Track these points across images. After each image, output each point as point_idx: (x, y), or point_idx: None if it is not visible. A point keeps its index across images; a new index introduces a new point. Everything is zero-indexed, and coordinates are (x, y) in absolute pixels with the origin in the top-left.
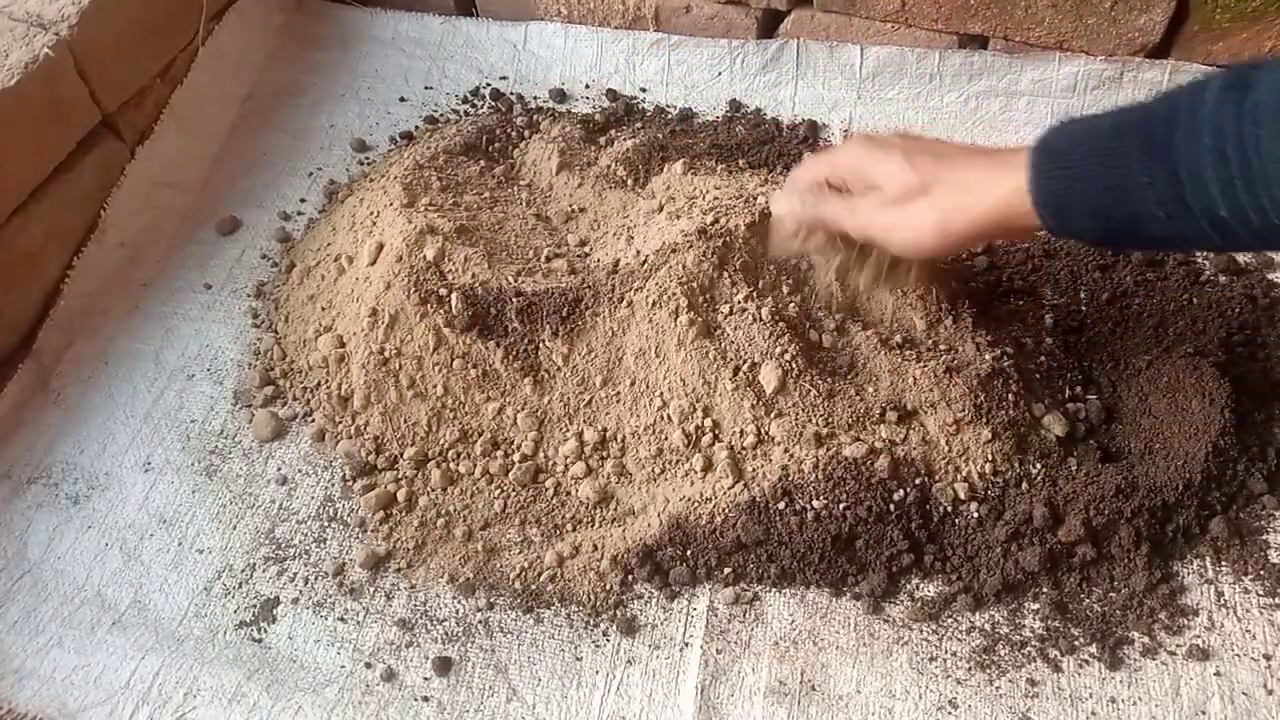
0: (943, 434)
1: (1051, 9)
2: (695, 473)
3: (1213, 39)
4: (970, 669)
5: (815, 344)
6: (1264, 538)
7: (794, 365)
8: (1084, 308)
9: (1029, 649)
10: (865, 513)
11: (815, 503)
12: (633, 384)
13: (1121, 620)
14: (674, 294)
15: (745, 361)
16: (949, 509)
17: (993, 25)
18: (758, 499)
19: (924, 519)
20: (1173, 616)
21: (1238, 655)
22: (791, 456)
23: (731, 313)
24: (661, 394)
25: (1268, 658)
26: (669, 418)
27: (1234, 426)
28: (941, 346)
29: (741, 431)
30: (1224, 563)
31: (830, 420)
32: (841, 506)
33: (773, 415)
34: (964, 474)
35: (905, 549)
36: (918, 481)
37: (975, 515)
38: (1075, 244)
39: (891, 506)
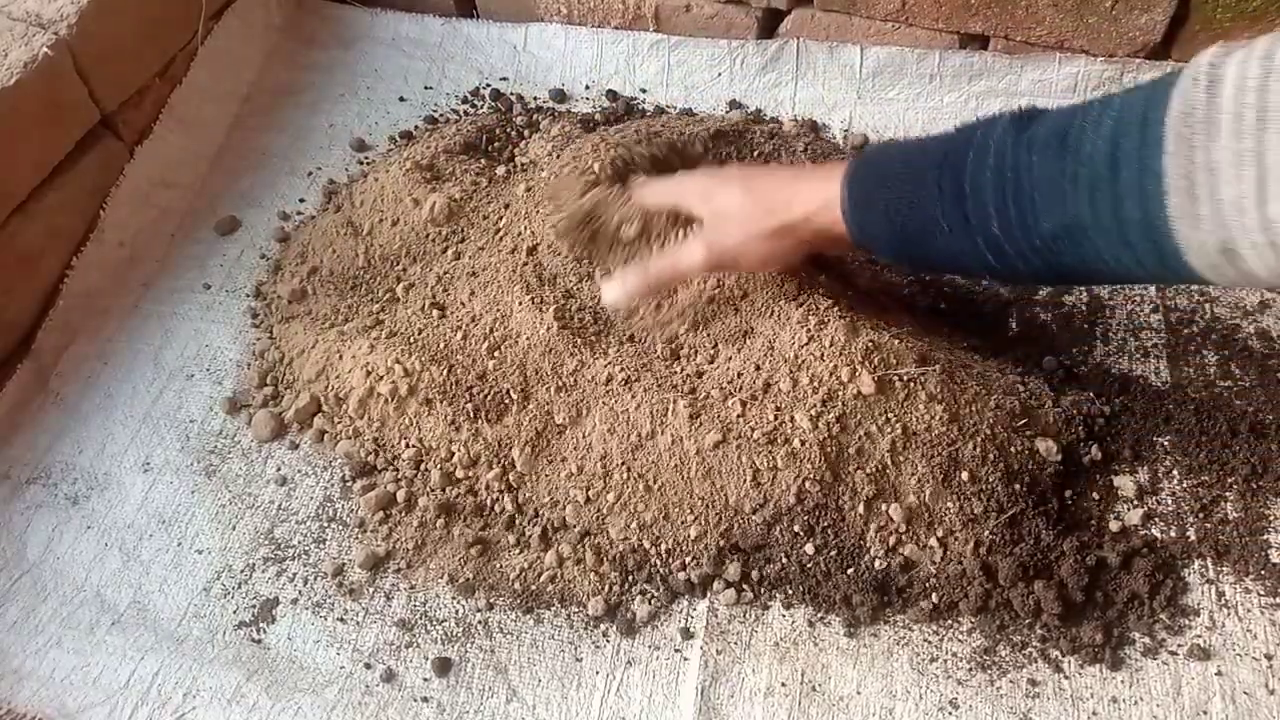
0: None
1: (1052, 8)
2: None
3: (1213, 38)
4: (971, 669)
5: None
6: (1264, 538)
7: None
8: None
9: (1030, 649)
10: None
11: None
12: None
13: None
14: None
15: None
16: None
17: (993, 24)
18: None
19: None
20: (1174, 616)
21: (1239, 655)
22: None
23: None
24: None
25: (1269, 657)
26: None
27: None
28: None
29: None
30: (1225, 563)
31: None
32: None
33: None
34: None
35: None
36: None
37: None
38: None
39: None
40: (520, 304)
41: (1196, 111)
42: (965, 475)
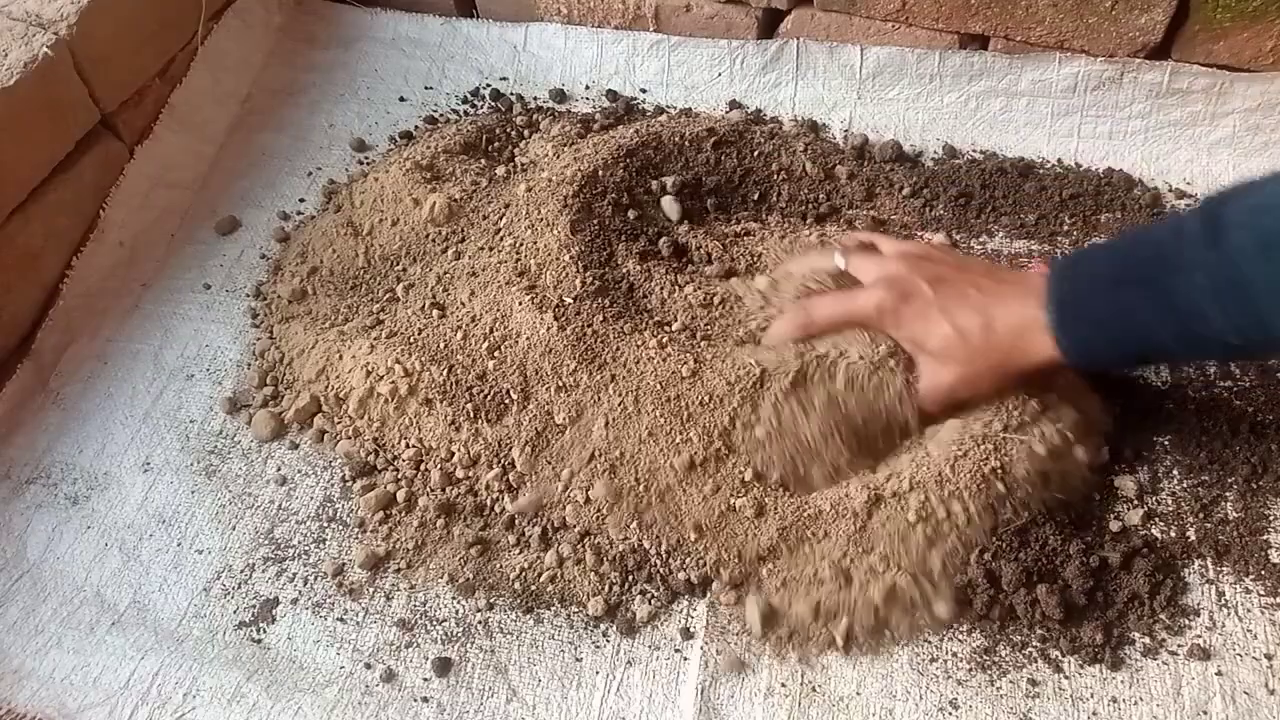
0: None
1: (1052, 8)
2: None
3: (1213, 39)
4: (971, 670)
5: None
6: (1264, 538)
7: None
8: None
9: (1030, 649)
10: None
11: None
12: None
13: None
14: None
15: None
16: None
17: (993, 24)
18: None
19: None
20: (1174, 616)
21: (1239, 655)
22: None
23: None
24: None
25: (1269, 657)
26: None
27: None
28: None
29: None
30: (1225, 563)
31: None
32: None
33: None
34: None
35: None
36: None
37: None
38: None
39: None
40: (520, 304)
41: None
42: None
